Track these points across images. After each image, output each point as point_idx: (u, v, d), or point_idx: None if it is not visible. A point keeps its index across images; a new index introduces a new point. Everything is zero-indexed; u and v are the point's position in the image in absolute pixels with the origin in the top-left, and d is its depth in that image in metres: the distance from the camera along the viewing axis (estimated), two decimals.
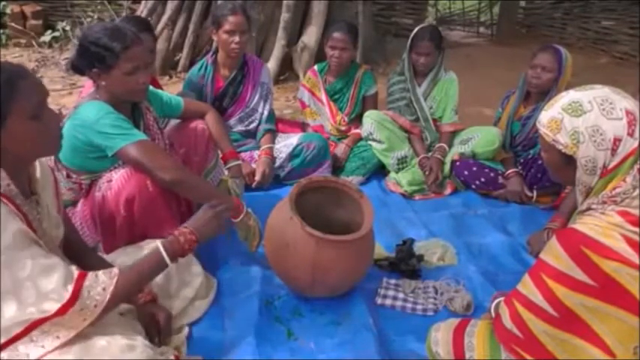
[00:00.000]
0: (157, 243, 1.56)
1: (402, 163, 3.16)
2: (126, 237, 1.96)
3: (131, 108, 2.08)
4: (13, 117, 1.29)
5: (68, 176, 2.04)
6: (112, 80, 1.91)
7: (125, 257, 1.87)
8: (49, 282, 1.29)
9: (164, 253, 1.52)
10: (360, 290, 2.05)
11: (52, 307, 1.30)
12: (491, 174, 3.01)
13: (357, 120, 3.40)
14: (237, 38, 2.89)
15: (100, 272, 1.39)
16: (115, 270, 1.42)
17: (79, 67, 1.94)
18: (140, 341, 1.43)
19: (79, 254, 1.68)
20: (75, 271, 1.36)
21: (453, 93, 3.23)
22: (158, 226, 1.96)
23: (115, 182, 1.92)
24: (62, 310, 1.30)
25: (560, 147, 1.36)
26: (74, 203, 2.11)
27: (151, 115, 2.18)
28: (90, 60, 1.89)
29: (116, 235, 1.97)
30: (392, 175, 3.18)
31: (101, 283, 1.36)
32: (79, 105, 1.97)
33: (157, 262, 1.52)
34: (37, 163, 1.50)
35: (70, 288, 1.31)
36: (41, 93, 1.36)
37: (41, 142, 1.38)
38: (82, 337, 1.37)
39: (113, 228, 1.96)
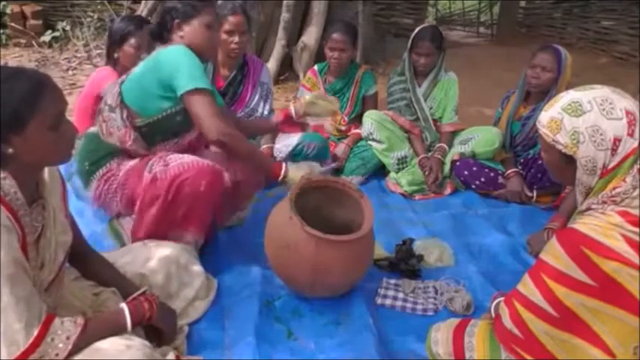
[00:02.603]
0: (123, 305, 1.54)
1: (402, 163, 3.16)
2: (152, 226, 1.99)
3: None
4: (32, 125, 1.28)
5: (126, 117, 2.07)
6: (191, 29, 2.12)
7: (129, 256, 1.87)
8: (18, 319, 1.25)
9: (128, 317, 1.50)
10: (360, 290, 2.05)
11: (13, 350, 1.25)
12: (492, 174, 3.01)
13: (357, 120, 3.41)
14: (237, 38, 2.89)
15: (66, 319, 1.35)
16: (80, 320, 1.37)
17: (159, 28, 2.16)
18: (137, 341, 1.43)
19: (82, 257, 1.68)
20: (43, 314, 1.30)
21: (453, 93, 3.23)
22: (186, 224, 2.01)
23: (176, 166, 1.95)
24: (22, 356, 1.26)
25: (560, 147, 1.36)
26: (113, 155, 2.10)
27: None
28: (173, 14, 2.13)
29: (144, 220, 2.00)
30: (392, 175, 3.18)
31: (66, 331, 1.33)
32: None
33: (119, 323, 1.49)
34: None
35: (35, 332, 1.27)
36: (62, 104, 1.36)
37: (54, 153, 1.37)
38: None
39: (146, 212, 1.99)
